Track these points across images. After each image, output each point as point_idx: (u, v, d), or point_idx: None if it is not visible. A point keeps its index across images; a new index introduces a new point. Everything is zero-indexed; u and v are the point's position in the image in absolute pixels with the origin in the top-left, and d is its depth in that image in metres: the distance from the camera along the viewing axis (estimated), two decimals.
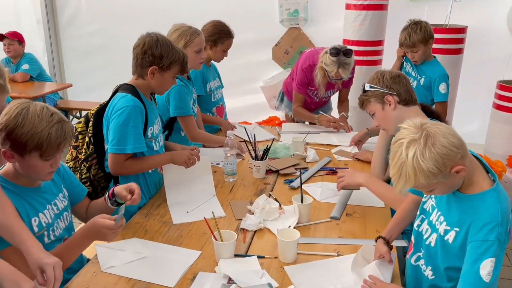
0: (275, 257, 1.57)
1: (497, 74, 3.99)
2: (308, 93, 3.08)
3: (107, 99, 1.94)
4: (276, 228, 1.74)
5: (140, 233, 1.72)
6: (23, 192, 1.43)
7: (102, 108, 1.89)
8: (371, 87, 1.86)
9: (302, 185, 1.95)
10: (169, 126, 2.45)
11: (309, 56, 2.99)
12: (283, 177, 2.25)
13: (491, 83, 3.99)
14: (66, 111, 4.72)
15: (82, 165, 1.92)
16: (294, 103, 3.11)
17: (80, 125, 1.94)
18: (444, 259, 1.32)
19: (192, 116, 2.43)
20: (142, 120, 1.84)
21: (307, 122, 3.30)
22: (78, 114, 4.87)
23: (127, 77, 1.95)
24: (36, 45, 5.19)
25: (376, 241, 1.54)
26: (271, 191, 2.10)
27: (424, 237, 1.40)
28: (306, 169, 2.32)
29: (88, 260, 1.63)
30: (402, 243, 1.68)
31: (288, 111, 3.32)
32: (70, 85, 4.63)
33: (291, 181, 2.18)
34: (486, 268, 1.18)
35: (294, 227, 1.70)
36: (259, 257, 1.56)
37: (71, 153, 1.98)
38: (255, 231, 1.75)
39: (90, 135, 1.90)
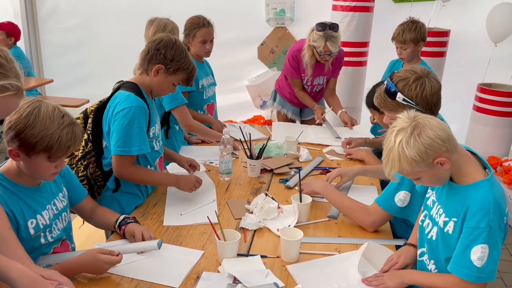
0: (278, 257, 1.57)
1: (477, 77, 4.13)
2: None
3: (98, 95, 1.91)
4: (275, 227, 1.74)
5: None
6: (23, 192, 1.38)
7: (102, 105, 1.84)
8: (404, 99, 1.64)
9: (298, 185, 1.96)
10: (166, 121, 2.43)
11: (297, 43, 3.07)
12: (278, 176, 2.26)
13: (471, 86, 4.11)
14: None
15: (79, 163, 1.87)
16: (295, 88, 3.14)
17: (79, 121, 1.88)
18: (445, 250, 1.36)
19: (185, 106, 2.41)
20: (146, 120, 1.81)
21: (298, 122, 3.32)
22: None
23: (107, 73, 1.92)
24: None
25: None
26: (267, 190, 2.10)
27: (426, 231, 1.44)
28: (300, 168, 2.33)
29: None
30: (399, 241, 1.71)
31: (281, 108, 3.32)
32: (51, 81, 4.51)
33: (286, 180, 2.19)
34: (476, 253, 1.24)
35: (294, 227, 1.71)
36: (262, 256, 1.56)
37: None
38: (255, 231, 1.75)
39: (89, 132, 1.85)
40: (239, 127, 2.61)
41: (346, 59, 3.96)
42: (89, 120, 1.87)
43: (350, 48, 3.99)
